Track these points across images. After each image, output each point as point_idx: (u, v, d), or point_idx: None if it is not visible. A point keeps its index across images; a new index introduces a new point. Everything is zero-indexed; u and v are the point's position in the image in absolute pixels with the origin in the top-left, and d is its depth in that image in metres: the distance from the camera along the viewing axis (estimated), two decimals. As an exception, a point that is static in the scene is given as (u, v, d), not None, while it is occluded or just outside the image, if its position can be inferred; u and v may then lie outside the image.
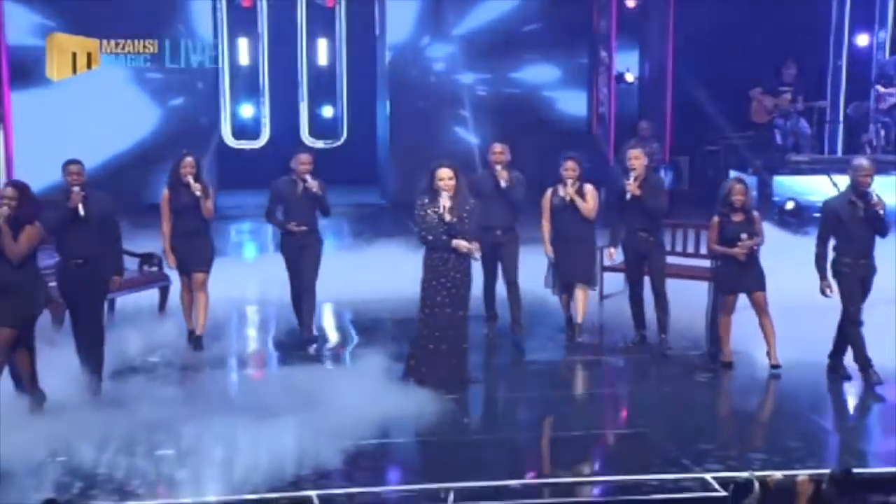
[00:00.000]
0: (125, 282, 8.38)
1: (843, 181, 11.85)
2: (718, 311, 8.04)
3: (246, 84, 15.72)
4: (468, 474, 6.06)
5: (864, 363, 7.41)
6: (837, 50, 14.61)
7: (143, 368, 8.02)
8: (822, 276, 7.51)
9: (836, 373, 7.63)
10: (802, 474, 5.95)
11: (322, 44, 15.30)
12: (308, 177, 8.33)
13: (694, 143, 14.53)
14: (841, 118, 14.57)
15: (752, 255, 7.94)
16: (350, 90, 15.26)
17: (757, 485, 6.03)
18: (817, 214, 10.60)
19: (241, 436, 6.48)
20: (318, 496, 5.94)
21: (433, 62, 15.20)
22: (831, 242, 7.57)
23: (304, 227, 8.51)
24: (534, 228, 8.82)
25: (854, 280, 7.53)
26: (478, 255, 7.70)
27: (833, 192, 9.86)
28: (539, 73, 15.26)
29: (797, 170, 13.62)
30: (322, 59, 15.32)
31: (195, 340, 8.44)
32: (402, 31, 14.91)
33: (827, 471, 5.88)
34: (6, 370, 6.88)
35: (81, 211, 7.52)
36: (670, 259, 9.39)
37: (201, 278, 8.46)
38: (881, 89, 13.55)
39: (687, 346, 8.55)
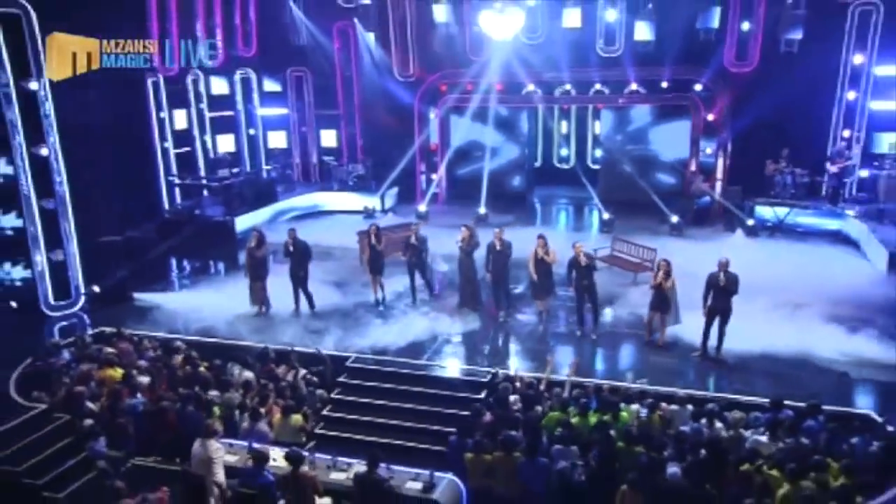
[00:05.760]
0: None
1: (782, 210, 17.36)
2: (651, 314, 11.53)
3: (565, 140, 23.87)
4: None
5: (705, 337, 11.03)
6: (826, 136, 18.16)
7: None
8: (706, 310, 10.77)
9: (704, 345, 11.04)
10: (528, 375, 9.96)
11: (597, 125, 22.72)
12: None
13: (740, 182, 18.28)
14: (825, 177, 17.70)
15: (665, 297, 11.23)
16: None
17: (501, 376, 10.12)
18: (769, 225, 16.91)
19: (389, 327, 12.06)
20: (333, 354, 10.81)
21: (613, 133, 20.69)
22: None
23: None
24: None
25: (713, 314, 10.79)
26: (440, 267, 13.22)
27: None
28: (665, 146, 20.16)
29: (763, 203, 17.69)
30: (597, 129, 22.64)
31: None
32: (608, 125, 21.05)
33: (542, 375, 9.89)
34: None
35: (291, 248, 12.64)
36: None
37: (376, 279, 13.12)
38: (830, 165, 17.52)
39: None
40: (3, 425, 9.46)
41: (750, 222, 17.31)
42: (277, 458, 8.21)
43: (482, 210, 18.92)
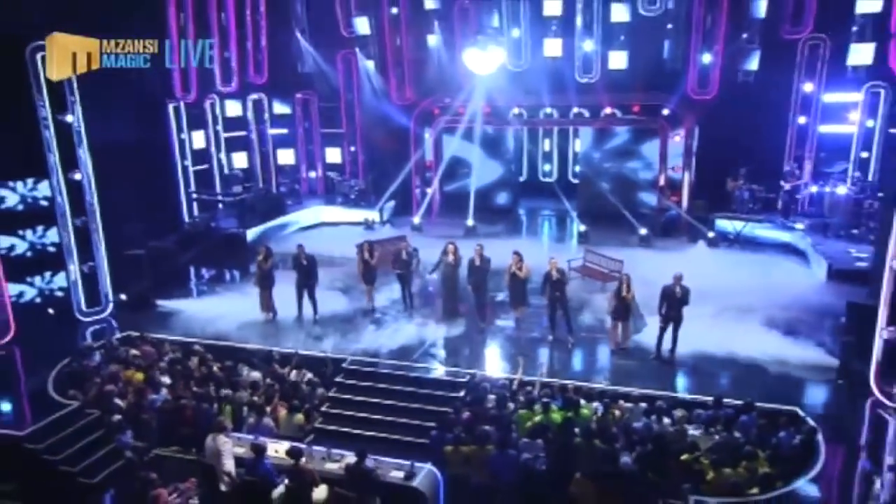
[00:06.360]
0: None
1: (739, 224, 17.80)
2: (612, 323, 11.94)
3: (548, 158, 24.13)
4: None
5: (660, 342, 11.48)
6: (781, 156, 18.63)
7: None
8: (661, 318, 11.26)
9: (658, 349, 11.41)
10: (503, 376, 10.62)
11: (577, 143, 23.10)
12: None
13: (705, 196, 18.64)
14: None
15: (627, 307, 11.62)
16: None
17: (479, 378, 10.63)
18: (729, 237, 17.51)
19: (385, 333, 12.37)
20: (332, 357, 11.23)
21: (590, 151, 20.70)
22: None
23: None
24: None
25: (667, 321, 11.28)
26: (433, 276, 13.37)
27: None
28: (637, 164, 20.29)
29: (723, 217, 18.17)
30: (577, 147, 23.06)
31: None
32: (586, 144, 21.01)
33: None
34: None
35: (304, 261, 13.01)
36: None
37: (369, 289, 13.53)
38: (784, 183, 18.20)
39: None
40: (43, 420, 10.17)
41: (711, 234, 17.70)
42: (280, 451, 8.85)
43: (471, 222, 19.26)
